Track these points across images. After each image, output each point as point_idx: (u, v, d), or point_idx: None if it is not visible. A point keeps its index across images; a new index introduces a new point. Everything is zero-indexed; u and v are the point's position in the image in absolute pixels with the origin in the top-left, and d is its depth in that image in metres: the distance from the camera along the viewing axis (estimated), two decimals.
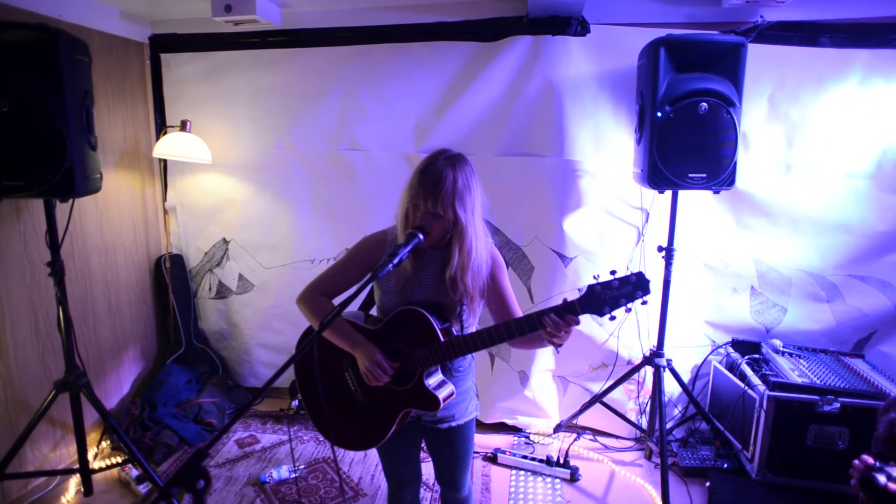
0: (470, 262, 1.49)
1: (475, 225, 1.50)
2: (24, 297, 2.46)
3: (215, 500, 2.46)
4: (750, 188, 2.68)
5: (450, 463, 1.76)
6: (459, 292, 1.51)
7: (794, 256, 2.76)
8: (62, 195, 2.08)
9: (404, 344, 1.55)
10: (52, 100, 1.98)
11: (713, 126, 2.22)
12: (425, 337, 1.51)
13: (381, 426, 1.59)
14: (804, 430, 2.38)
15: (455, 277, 1.50)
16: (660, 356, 2.58)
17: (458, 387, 1.65)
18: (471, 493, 1.94)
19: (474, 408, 1.75)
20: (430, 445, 1.76)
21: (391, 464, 1.77)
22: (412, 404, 1.56)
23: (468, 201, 1.47)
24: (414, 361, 1.53)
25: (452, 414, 1.66)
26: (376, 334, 1.58)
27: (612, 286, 1.37)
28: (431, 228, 1.47)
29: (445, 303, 1.56)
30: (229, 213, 3.22)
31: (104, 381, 2.92)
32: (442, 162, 1.47)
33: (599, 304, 1.38)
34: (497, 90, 2.76)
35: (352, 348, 1.56)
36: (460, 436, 1.70)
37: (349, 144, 3.02)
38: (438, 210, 1.44)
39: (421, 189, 1.45)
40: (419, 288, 1.57)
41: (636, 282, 1.37)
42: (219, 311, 3.36)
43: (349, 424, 1.66)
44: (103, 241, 2.87)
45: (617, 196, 2.73)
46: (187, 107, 3.12)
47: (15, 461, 2.36)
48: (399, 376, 1.55)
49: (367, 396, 1.62)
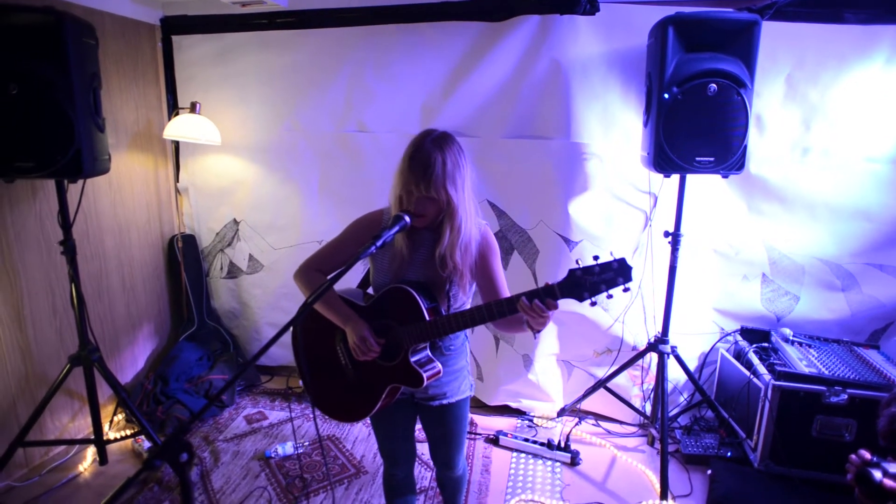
0: (459, 239, 1.51)
1: (465, 203, 1.51)
2: (41, 275, 2.55)
3: (223, 472, 2.55)
4: (763, 172, 2.60)
5: (442, 441, 1.78)
6: (448, 269, 1.54)
7: (808, 243, 2.68)
8: (71, 176, 2.13)
9: (392, 321, 1.57)
10: (60, 82, 2.02)
11: (723, 108, 2.15)
12: (412, 315, 1.53)
13: (369, 399, 1.64)
14: (810, 421, 2.34)
15: (444, 255, 1.52)
16: (664, 342, 2.55)
17: (450, 366, 1.68)
18: (465, 472, 1.97)
19: (468, 387, 1.76)
20: (424, 423, 1.80)
21: (385, 439, 1.81)
22: (398, 380, 1.59)
23: (458, 180, 1.48)
24: (400, 339, 1.56)
25: (444, 392, 1.69)
26: (367, 311, 1.61)
27: (593, 272, 1.35)
28: (426, 211, 1.49)
29: (436, 282, 1.58)
30: (239, 194, 3.27)
31: (119, 357, 3.03)
32: (429, 145, 1.47)
33: (579, 289, 1.36)
34: (504, 71, 2.72)
35: (342, 323, 1.60)
36: (452, 414, 1.73)
37: (356, 126, 3.02)
38: (431, 193, 1.46)
39: (412, 175, 1.46)
40: (411, 267, 1.60)
41: (618, 268, 1.34)
42: (230, 290, 3.43)
43: (339, 396, 1.70)
44: (117, 220, 2.94)
45: (624, 180, 2.68)
46: (198, 88, 3.15)
47: (36, 430, 2.49)
48: (386, 352, 1.58)
49: (357, 370, 1.66)
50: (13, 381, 2.47)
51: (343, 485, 2.48)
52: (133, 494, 2.36)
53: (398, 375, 1.58)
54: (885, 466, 1.17)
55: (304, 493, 2.40)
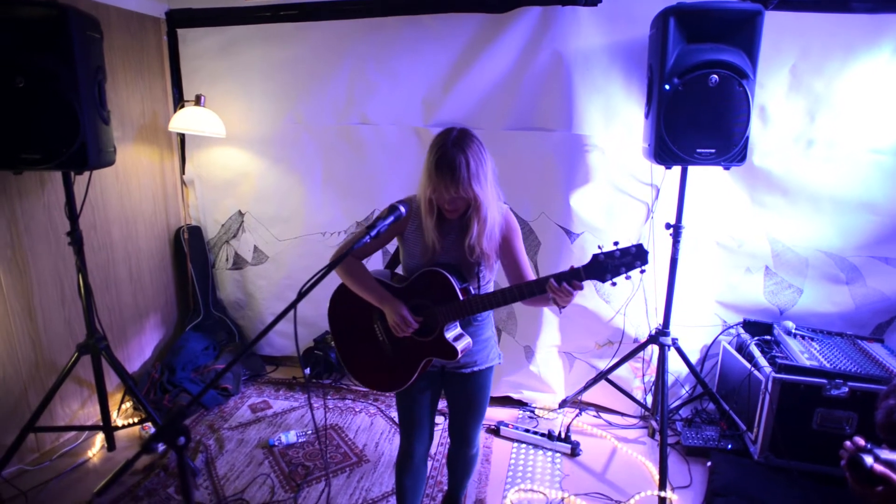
0: (486, 229, 1.63)
1: (489, 195, 1.61)
2: (49, 265, 2.60)
3: (227, 459, 2.59)
4: (767, 164, 2.58)
5: (466, 409, 1.87)
6: (477, 255, 1.66)
7: (812, 236, 2.66)
8: (77, 168, 2.17)
9: (428, 301, 1.69)
10: (65, 75, 2.05)
11: (724, 99, 2.13)
12: (446, 295, 1.65)
13: (406, 371, 1.76)
14: (810, 414, 2.33)
15: (474, 245, 1.65)
16: (665, 335, 2.55)
17: (479, 335, 1.80)
18: (479, 453, 2.04)
19: (496, 355, 1.87)
20: (450, 392, 1.89)
21: (408, 410, 1.86)
22: (433, 354, 1.71)
23: (482, 177, 1.57)
24: (436, 317, 1.67)
25: (475, 360, 1.80)
26: (402, 291, 1.73)
27: (615, 256, 1.51)
28: (457, 206, 1.62)
29: (465, 263, 1.70)
30: (244, 186, 3.30)
31: (127, 346, 3.08)
32: (453, 149, 1.53)
33: (602, 271, 1.52)
34: (505, 63, 2.72)
35: (380, 303, 1.71)
36: (478, 382, 1.83)
37: (359, 118, 3.03)
38: (461, 194, 1.56)
39: (440, 180, 1.55)
40: (442, 252, 1.71)
41: (636, 252, 1.50)
42: (235, 281, 3.47)
43: (378, 369, 1.83)
44: (124, 212, 2.99)
45: (626, 172, 2.67)
46: (203, 81, 3.18)
47: (46, 416, 2.55)
48: (422, 329, 1.70)
49: (394, 346, 1.79)
50: (24, 369, 2.52)
51: (345, 473, 2.52)
52: (140, 480, 2.41)
53: (434, 349, 1.70)
54: (877, 452, 1.18)
55: (305, 480, 2.44)
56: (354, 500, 2.34)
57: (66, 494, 2.35)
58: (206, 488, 2.39)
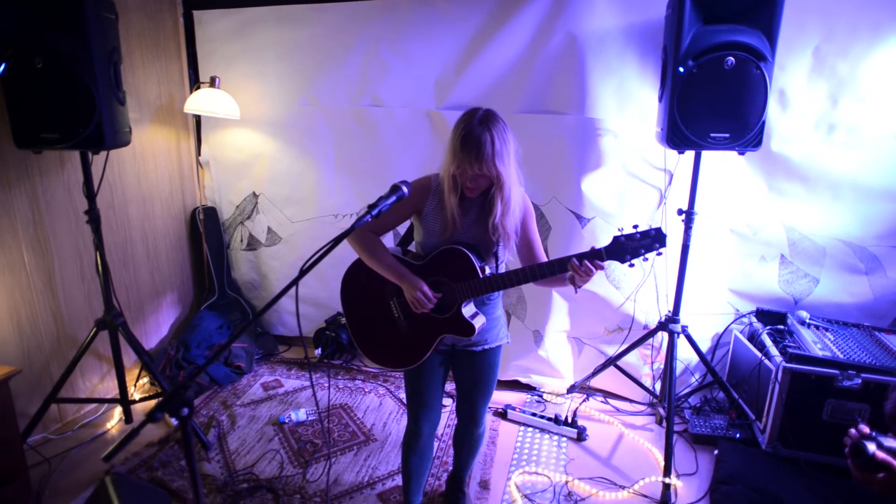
0: (510, 208, 1.66)
1: (511, 174, 1.63)
2: (70, 243, 2.67)
3: (239, 435, 2.66)
4: (785, 150, 2.52)
5: (474, 387, 1.90)
6: (499, 234, 1.69)
7: (831, 224, 2.59)
8: (93, 147, 2.22)
9: (446, 278, 1.71)
10: (81, 56, 2.09)
11: (740, 83, 2.08)
12: (466, 273, 1.67)
13: (421, 348, 1.79)
14: (820, 404, 2.30)
15: (497, 224, 1.67)
16: (675, 322, 2.53)
17: (491, 314, 1.83)
18: (485, 433, 2.06)
19: (504, 335, 1.90)
20: (458, 371, 1.91)
21: (418, 388, 1.88)
22: (449, 330, 1.74)
23: (506, 156, 1.60)
24: (455, 294, 1.70)
25: (486, 338, 1.83)
26: (421, 268, 1.75)
27: (635, 238, 1.57)
28: (479, 185, 1.64)
29: (484, 242, 1.73)
30: (258, 167, 3.33)
31: (144, 323, 3.17)
32: (478, 127, 1.56)
33: (622, 252, 1.58)
34: (518, 45, 2.68)
35: (399, 280, 1.73)
36: (487, 360, 1.86)
37: (371, 101, 3.03)
38: (484, 171, 1.58)
39: (465, 156, 1.57)
40: (462, 230, 1.73)
41: (655, 235, 1.57)
42: (249, 262, 3.53)
43: (392, 346, 1.85)
44: (141, 192, 3.05)
45: (639, 156, 2.63)
46: (218, 63, 3.21)
47: (68, 388, 2.65)
48: (439, 306, 1.73)
49: (410, 322, 1.81)
50: (47, 343, 2.61)
51: (352, 451, 2.56)
52: (155, 452, 2.50)
53: (450, 326, 1.73)
54: (880, 440, 1.18)
55: (313, 457, 2.50)
56: (361, 477, 2.39)
57: (85, 462, 2.45)
58: (218, 462, 2.46)
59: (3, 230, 2.38)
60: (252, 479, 2.35)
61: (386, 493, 2.29)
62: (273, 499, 2.23)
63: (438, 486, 2.34)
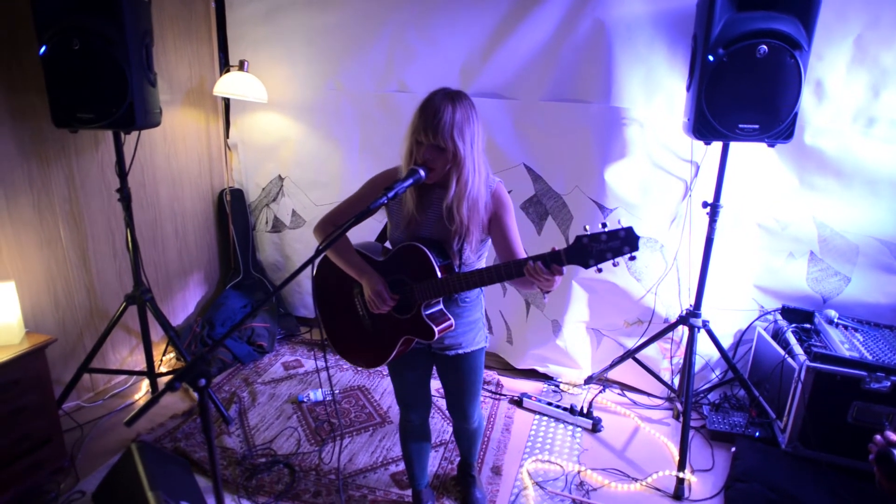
0: (466, 193, 1.53)
1: (473, 158, 1.52)
2: (102, 220, 2.77)
3: (258, 412, 2.74)
4: (820, 143, 2.43)
5: (457, 390, 1.86)
6: (456, 224, 1.56)
7: (865, 221, 2.50)
8: (125, 127, 2.28)
9: (406, 277, 1.63)
10: (115, 38, 2.15)
11: (773, 72, 2.00)
12: (424, 272, 1.58)
13: (385, 349, 1.72)
14: (846, 406, 2.24)
15: (451, 208, 1.55)
16: (696, 316, 2.49)
17: (465, 317, 1.73)
18: (481, 426, 2.04)
19: (482, 339, 1.81)
20: (440, 372, 1.87)
21: (401, 385, 1.90)
22: (412, 332, 1.66)
23: (467, 133, 1.49)
24: (413, 294, 1.61)
25: (459, 342, 1.75)
26: (383, 266, 1.68)
27: (600, 239, 1.33)
28: (435, 164, 1.51)
29: (447, 240, 1.62)
30: (284, 151, 3.38)
31: (172, 300, 3.27)
32: (440, 97, 1.50)
33: (585, 256, 1.36)
34: (545, 32, 2.64)
35: (359, 276, 1.67)
36: (466, 364, 1.79)
37: (397, 86, 3.04)
38: (439, 142, 1.47)
39: (421, 124, 1.49)
40: (424, 225, 1.64)
41: (625, 237, 1.32)
42: (274, 244, 3.60)
43: (358, 345, 1.80)
44: (171, 172, 3.13)
45: (665, 147, 2.58)
46: (248, 47, 3.25)
47: (100, 359, 2.77)
48: (401, 306, 1.65)
49: (373, 321, 1.75)
50: (80, 315, 2.73)
51: (368, 432, 2.61)
52: (179, 423, 2.59)
53: (412, 328, 1.65)
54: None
55: (330, 436, 2.55)
56: (375, 457, 2.43)
57: (114, 430, 2.56)
58: (238, 436, 2.54)
59: (42, 206, 2.48)
60: (270, 454, 2.42)
61: (399, 473, 2.33)
62: (289, 474, 2.30)
63: (451, 470, 2.37)
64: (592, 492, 2.27)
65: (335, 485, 2.24)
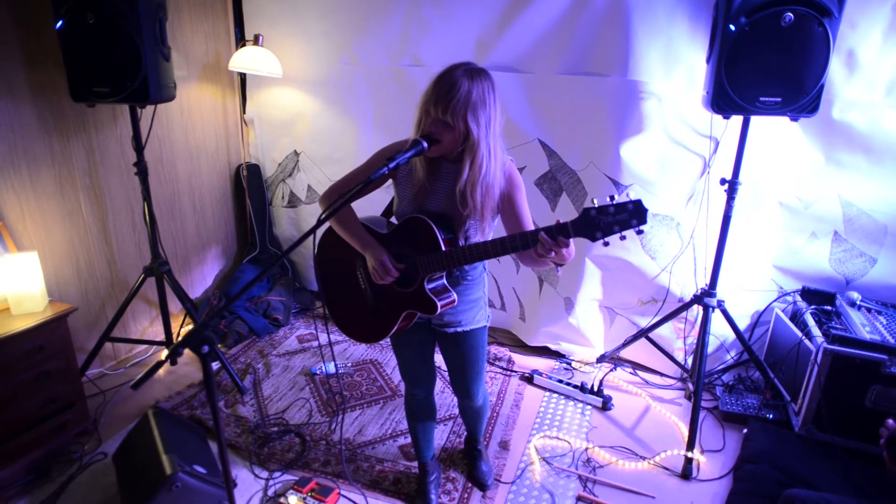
0: (480, 178, 1.49)
1: (489, 142, 1.47)
2: (121, 194, 2.83)
3: (272, 382, 2.80)
4: (849, 118, 2.32)
5: (459, 368, 1.86)
6: (469, 208, 1.53)
7: (895, 200, 2.39)
8: (140, 101, 2.31)
9: (410, 249, 1.61)
10: (129, 13, 2.16)
11: (799, 41, 1.91)
12: (429, 245, 1.56)
13: (386, 323, 1.71)
14: (864, 390, 2.18)
15: (465, 192, 1.51)
16: (711, 295, 2.44)
17: (467, 295, 1.72)
18: (485, 403, 2.04)
19: (484, 317, 1.80)
20: (442, 349, 1.87)
21: (404, 361, 1.91)
22: (414, 306, 1.64)
23: (482, 116, 1.44)
24: (417, 267, 1.60)
25: (459, 320, 1.74)
26: (386, 238, 1.67)
27: (608, 212, 1.30)
28: (440, 136, 1.47)
29: (454, 216, 1.59)
30: (300, 126, 3.39)
31: (190, 273, 3.34)
32: (460, 72, 1.45)
33: (592, 228, 1.32)
34: (562, 3, 2.57)
35: (362, 248, 1.66)
36: (467, 342, 1.79)
37: (411, 60, 3.00)
38: (448, 118, 1.43)
39: (433, 96, 1.44)
40: (432, 198, 1.61)
41: (633, 209, 1.29)
42: (290, 218, 3.64)
43: (359, 318, 1.79)
44: (188, 147, 3.17)
45: (683, 122, 2.50)
46: (263, 22, 3.24)
47: (121, 329, 2.86)
48: (404, 279, 1.63)
49: (375, 294, 1.74)
50: (102, 286, 2.81)
51: (378, 404, 2.65)
52: (195, 392, 2.67)
53: (414, 302, 1.64)
54: None
55: (341, 407, 2.60)
56: (385, 430, 2.47)
57: (134, 397, 2.65)
58: (252, 406, 2.60)
59: (64, 179, 2.54)
60: (282, 423, 2.48)
61: (407, 446, 2.37)
62: (300, 443, 2.35)
63: (459, 444, 2.39)
64: (599, 469, 2.28)
65: (345, 454, 2.29)
